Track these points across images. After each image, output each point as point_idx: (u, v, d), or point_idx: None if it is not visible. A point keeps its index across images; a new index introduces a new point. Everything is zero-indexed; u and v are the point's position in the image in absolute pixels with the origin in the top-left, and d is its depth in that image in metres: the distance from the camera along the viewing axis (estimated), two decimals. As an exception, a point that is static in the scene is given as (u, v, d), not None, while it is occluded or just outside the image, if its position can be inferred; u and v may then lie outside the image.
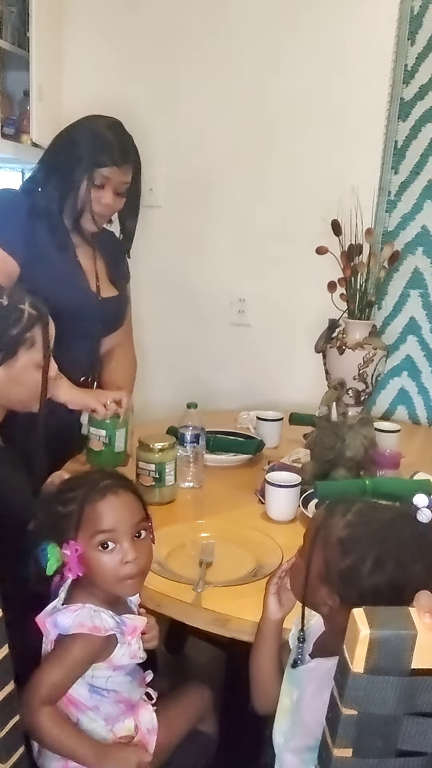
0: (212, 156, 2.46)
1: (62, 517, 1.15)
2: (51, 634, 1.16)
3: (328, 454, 1.62)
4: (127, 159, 1.73)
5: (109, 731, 1.18)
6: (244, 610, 1.17)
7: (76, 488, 1.17)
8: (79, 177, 1.70)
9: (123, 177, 1.74)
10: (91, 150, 1.70)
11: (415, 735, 0.77)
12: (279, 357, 2.48)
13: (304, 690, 1.02)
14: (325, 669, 0.96)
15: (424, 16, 2.14)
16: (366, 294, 2.09)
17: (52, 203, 1.73)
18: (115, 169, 1.71)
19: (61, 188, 1.72)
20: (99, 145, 1.70)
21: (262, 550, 1.36)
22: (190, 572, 1.29)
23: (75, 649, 1.12)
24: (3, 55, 2.27)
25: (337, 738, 0.78)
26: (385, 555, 0.90)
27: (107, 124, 1.75)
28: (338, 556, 0.93)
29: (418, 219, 2.24)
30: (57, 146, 1.77)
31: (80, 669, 1.14)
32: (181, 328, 2.60)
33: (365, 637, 0.73)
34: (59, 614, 1.14)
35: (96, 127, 1.73)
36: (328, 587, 0.95)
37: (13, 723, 0.93)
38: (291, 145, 2.36)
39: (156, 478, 1.58)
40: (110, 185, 1.72)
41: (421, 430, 2.31)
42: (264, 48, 2.34)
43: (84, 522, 1.13)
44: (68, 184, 1.71)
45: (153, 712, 1.24)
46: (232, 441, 1.93)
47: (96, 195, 1.72)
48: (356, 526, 0.94)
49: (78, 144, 1.71)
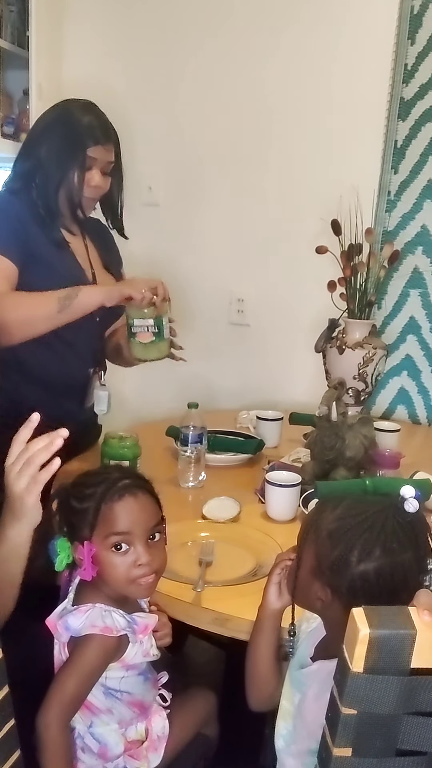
0: (211, 155, 2.46)
1: (76, 513, 1.13)
2: (63, 637, 1.15)
3: (328, 453, 1.62)
4: (109, 136, 1.72)
5: (121, 735, 1.18)
6: (243, 610, 1.17)
7: (93, 485, 1.14)
8: (67, 163, 1.68)
9: (108, 156, 1.72)
10: (75, 133, 1.68)
11: (414, 734, 0.77)
12: (279, 357, 2.48)
13: (306, 693, 1.02)
14: (327, 671, 0.96)
15: (424, 16, 2.14)
16: (366, 294, 2.09)
17: (44, 197, 1.71)
18: (100, 147, 1.69)
19: (52, 178, 1.70)
20: (81, 127, 1.69)
21: (262, 549, 1.36)
22: (190, 572, 1.29)
23: (89, 653, 1.10)
24: (3, 54, 2.28)
25: (337, 737, 0.78)
26: (371, 542, 0.92)
27: (81, 105, 1.74)
28: (328, 548, 0.96)
29: (417, 219, 2.24)
30: (36, 137, 1.74)
31: (97, 673, 1.12)
32: (180, 328, 2.59)
33: (365, 637, 0.73)
34: (70, 616, 1.13)
35: (72, 111, 1.71)
36: (320, 581, 0.97)
37: (8, 728, 0.92)
38: (290, 145, 2.36)
39: (155, 332, 1.61)
40: (97, 165, 1.71)
41: (420, 429, 2.31)
42: (263, 46, 2.34)
43: (99, 521, 1.11)
44: (57, 173, 1.69)
45: (166, 719, 1.24)
46: (232, 440, 1.93)
47: (86, 177, 1.70)
48: (345, 519, 0.96)
49: (59, 131, 1.69)
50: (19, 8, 2.29)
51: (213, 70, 2.41)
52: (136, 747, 1.20)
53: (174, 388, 2.54)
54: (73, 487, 1.17)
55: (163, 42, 2.45)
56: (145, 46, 2.48)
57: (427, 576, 0.92)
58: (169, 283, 1.81)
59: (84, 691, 1.12)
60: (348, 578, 0.93)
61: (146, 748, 1.21)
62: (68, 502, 1.15)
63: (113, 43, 2.52)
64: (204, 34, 2.40)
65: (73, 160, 1.68)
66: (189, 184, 2.50)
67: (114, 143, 1.75)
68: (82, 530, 1.12)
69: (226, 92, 2.41)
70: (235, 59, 2.38)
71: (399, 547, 0.92)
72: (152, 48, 2.47)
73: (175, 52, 2.44)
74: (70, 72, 2.54)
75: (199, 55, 2.42)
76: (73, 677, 1.10)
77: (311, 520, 1.02)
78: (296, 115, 2.34)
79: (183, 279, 2.55)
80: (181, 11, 2.42)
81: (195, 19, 2.41)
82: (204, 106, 2.44)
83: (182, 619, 1.21)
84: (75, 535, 1.13)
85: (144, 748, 1.20)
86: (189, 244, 2.54)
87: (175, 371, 2.62)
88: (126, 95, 2.48)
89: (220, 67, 2.40)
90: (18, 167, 1.77)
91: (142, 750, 1.20)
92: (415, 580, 0.90)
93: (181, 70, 2.44)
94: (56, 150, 1.69)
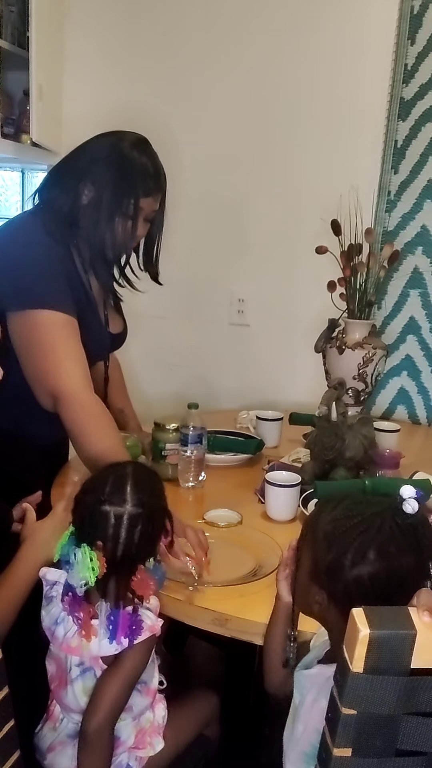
0: (211, 155, 2.46)
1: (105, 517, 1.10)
2: (100, 651, 1.12)
3: (327, 453, 1.62)
4: (160, 186, 1.60)
5: (133, 727, 1.19)
6: (243, 610, 1.17)
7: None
8: (114, 211, 1.54)
9: (155, 206, 1.61)
10: (128, 181, 1.54)
11: (414, 734, 0.77)
12: (279, 357, 2.48)
13: (305, 696, 1.01)
14: (325, 677, 0.95)
15: (424, 16, 2.14)
16: (366, 294, 2.09)
17: (93, 248, 1.58)
18: (150, 199, 1.58)
19: (99, 226, 1.56)
20: (134, 174, 1.54)
21: (261, 549, 1.36)
22: (192, 572, 1.29)
23: (138, 656, 1.12)
24: (3, 54, 2.27)
25: (337, 738, 0.78)
26: (366, 545, 0.89)
27: (135, 144, 1.58)
28: (324, 551, 0.93)
29: (417, 219, 2.24)
30: (81, 171, 1.56)
31: (141, 672, 1.14)
32: (181, 328, 2.59)
33: (365, 637, 0.73)
34: (111, 632, 1.11)
35: (125, 152, 1.55)
36: (317, 584, 0.95)
37: (8, 728, 0.92)
38: (290, 145, 2.36)
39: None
40: (142, 215, 1.59)
41: (420, 429, 2.31)
42: (264, 47, 2.34)
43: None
44: (104, 221, 1.55)
45: (165, 709, 1.25)
46: (232, 440, 1.93)
47: (129, 227, 1.57)
48: (340, 520, 0.93)
49: (110, 173, 1.54)
50: (19, 8, 2.29)
51: (213, 70, 2.41)
52: (141, 735, 1.20)
53: (174, 388, 2.54)
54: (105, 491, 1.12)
55: (164, 43, 2.45)
56: (145, 48, 2.47)
57: (429, 582, 0.87)
58: (170, 283, 1.82)
59: (130, 693, 1.13)
60: (343, 582, 0.90)
61: (149, 734, 1.22)
62: (100, 507, 1.10)
63: (114, 43, 2.52)
64: (205, 34, 2.40)
65: (120, 208, 1.55)
66: (189, 185, 2.50)
67: (163, 192, 1.62)
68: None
69: (225, 92, 2.41)
70: (235, 59, 2.37)
71: (397, 550, 0.88)
72: (153, 50, 2.46)
73: (176, 52, 2.44)
74: (71, 73, 2.53)
75: (200, 55, 2.42)
76: (122, 682, 1.11)
77: (310, 520, 1.01)
78: (296, 115, 2.34)
79: (184, 279, 2.55)
80: (181, 11, 2.42)
81: (196, 19, 2.41)
82: (204, 105, 2.44)
83: (182, 619, 1.21)
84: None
85: (147, 734, 1.21)
86: (189, 244, 2.54)
87: (175, 371, 2.63)
88: (126, 96, 2.48)
89: (220, 67, 2.40)
90: (53, 200, 1.59)
91: (146, 737, 1.21)
92: (416, 585, 0.84)
93: (181, 69, 2.44)
94: (102, 195, 1.54)
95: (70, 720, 1.20)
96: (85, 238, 1.58)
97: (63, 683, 1.18)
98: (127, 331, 1.89)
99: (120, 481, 1.12)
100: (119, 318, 1.85)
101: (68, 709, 1.18)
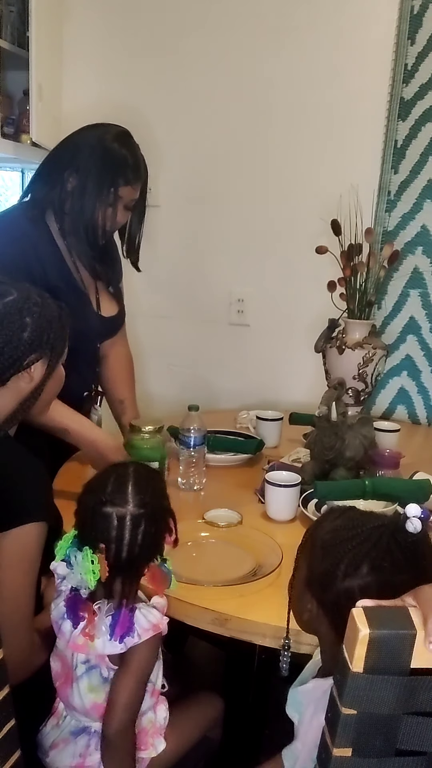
0: (211, 155, 2.46)
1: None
2: (105, 650, 1.12)
3: (327, 453, 1.62)
4: (140, 176, 1.69)
5: (135, 727, 1.19)
6: (243, 610, 1.17)
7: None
8: (93, 198, 1.64)
9: (134, 194, 1.70)
10: (106, 169, 1.63)
11: (414, 734, 0.77)
12: (279, 357, 2.48)
13: (304, 714, 1.00)
14: (322, 691, 0.94)
15: (424, 16, 2.14)
16: (366, 294, 2.09)
17: (74, 235, 1.66)
18: (129, 187, 1.67)
19: (81, 212, 1.65)
20: (113, 163, 1.64)
21: (261, 549, 1.36)
22: (190, 571, 1.29)
23: (146, 654, 1.12)
24: (3, 54, 2.27)
25: (337, 738, 0.77)
26: (360, 558, 0.88)
27: (116, 136, 1.67)
28: (319, 559, 0.93)
29: (417, 219, 2.24)
30: (65, 162, 1.67)
31: (152, 669, 1.15)
32: (180, 328, 2.59)
33: (365, 637, 0.73)
34: (127, 638, 1.11)
35: (106, 143, 1.65)
36: (310, 592, 0.95)
37: (8, 728, 0.92)
38: (290, 145, 2.36)
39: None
40: (121, 203, 1.68)
41: (420, 429, 2.31)
42: (263, 47, 2.34)
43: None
44: (87, 208, 1.65)
45: (167, 710, 1.25)
46: (232, 440, 1.93)
47: (108, 214, 1.67)
48: (339, 531, 0.92)
49: (90, 162, 1.63)
50: (19, 8, 2.29)
51: (213, 70, 2.41)
52: (143, 736, 1.20)
53: (174, 388, 2.54)
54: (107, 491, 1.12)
55: (163, 42, 2.45)
56: (145, 47, 2.47)
57: None
58: (170, 283, 1.83)
59: (144, 690, 1.14)
60: (334, 593, 0.89)
61: (151, 735, 1.22)
62: (102, 509, 1.10)
63: (113, 43, 2.52)
64: (204, 34, 2.40)
65: (101, 195, 1.64)
66: (189, 184, 2.50)
67: (143, 182, 1.71)
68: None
69: (226, 92, 2.41)
70: (235, 59, 2.37)
71: (391, 567, 0.87)
72: (153, 47, 2.46)
73: (176, 52, 2.44)
74: (71, 73, 2.53)
75: (200, 55, 2.41)
76: (134, 681, 1.12)
77: (312, 527, 1.00)
78: (296, 115, 2.34)
79: (183, 279, 2.55)
80: (181, 11, 2.42)
81: (196, 18, 2.40)
82: (204, 106, 2.44)
83: (182, 619, 1.21)
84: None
85: (149, 735, 1.21)
86: (189, 244, 2.54)
87: (174, 371, 2.63)
88: (126, 96, 2.48)
89: (220, 67, 2.40)
90: (38, 190, 1.70)
91: (147, 738, 1.21)
92: None
93: (182, 69, 2.44)
94: (86, 183, 1.64)
95: (73, 717, 1.20)
96: (69, 223, 1.67)
97: (68, 681, 1.18)
98: (123, 316, 1.92)
99: (121, 482, 1.12)
100: (115, 303, 1.88)
101: (72, 707, 1.18)
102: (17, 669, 1.02)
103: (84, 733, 1.18)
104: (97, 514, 1.10)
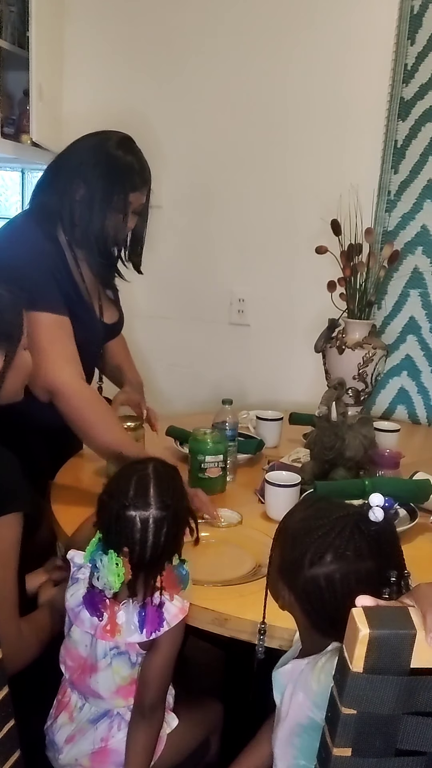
0: (212, 155, 2.46)
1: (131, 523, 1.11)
2: (134, 637, 1.14)
3: (327, 453, 1.61)
4: (146, 180, 1.69)
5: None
6: (243, 610, 1.17)
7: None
8: (105, 208, 1.63)
9: (142, 199, 1.70)
10: (114, 177, 1.63)
11: (414, 734, 0.77)
12: (279, 357, 2.48)
13: (284, 694, 1.02)
14: (299, 670, 0.98)
15: (424, 16, 2.14)
16: (366, 294, 2.09)
17: (84, 246, 1.67)
18: (138, 193, 1.67)
19: (92, 223, 1.64)
20: (120, 171, 1.64)
21: (261, 549, 1.35)
22: (190, 571, 1.28)
23: (177, 638, 1.15)
24: (3, 54, 2.28)
25: (337, 737, 0.77)
26: (324, 548, 0.91)
27: (119, 143, 1.67)
28: (289, 548, 0.96)
29: (417, 219, 2.24)
30: (70, 172, 1.66)
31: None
32: (181, 328, 2.59)
33: (365, 637, 0.73)
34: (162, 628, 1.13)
35: (111, 151, 1.65)
36: (282, 579, 0.98)
37: (8, 728, 0.92)
38: (290, 145, 2.36)
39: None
40: (131, 209, 1.68)
41: (420, 429, 2.31)
42: (264, 47, 2.34)
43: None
44: (98, 218, 1.64)
45: (175, 718, 1.26)
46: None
47: (120, 221, 1.67)
48: (308, 521, 0.96)
49: (97, 172, 1.63)
50: (19, 8, 2.29)
51: (214, 70, 2.41)
52: None
53: (174, 388, 2.54)
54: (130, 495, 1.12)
55: (164, 42, 2.45)
56: (146, 47, 2.48)
57: (387, 589, 0.87)
58: (170, 283, 1.83)
59: (173, 669, 1.18)
60: (302, 580, 0.93)
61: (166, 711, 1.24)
62: (125, 512, 1.11)
63: (113, 43, 2.52)
64: (205, 34, 2.40)
65: (111, 204, 1.64)
66: (191, 185, 2.50)
67: (149, 186, 1.71)
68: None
69: (227, 92, 2.41)
70: (235, 59, 2.37)
71: (354, 555, 0.90)
72: (153, 49, 2.46)
73: (176, 52, 2.44)
74: (71, 73, 2.53)
75: (200, 55, 2.42)
76: (167, 660, 1.16)
77: (285, 516, 1.04)
78: (296, 115, 2.34)
79: (184, 279, 2.55)
80: (182, 11, 2.42)
81: (197, 19, 2.41)
82: (204, 106, 2.44)
83: (182, 619, 1.21)
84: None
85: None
86: (190, 245, 2.54)
87: (175, 371, 2.63)
88: (126, 96, 2.48)
89: (221, 68, 2.40)
90: (46, 201, 1.69)
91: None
92: (372, 591, 0.80)
93: (182, 69, 2.44)
94: (94, 192, 1.63)
95: (93, 705, 1.20)
96: (80, 234, 1.66)
97: (87, 670, 1.18)
98: (122, 322, 1.93)
99: (142, 484, 1.12)
100: (115, 309, 1.89)
101: (96, 695, 1.18)
102: (6, 661, 1.03)
103: (105, 717, 1.20)
104: (120, 518, 1.10)
